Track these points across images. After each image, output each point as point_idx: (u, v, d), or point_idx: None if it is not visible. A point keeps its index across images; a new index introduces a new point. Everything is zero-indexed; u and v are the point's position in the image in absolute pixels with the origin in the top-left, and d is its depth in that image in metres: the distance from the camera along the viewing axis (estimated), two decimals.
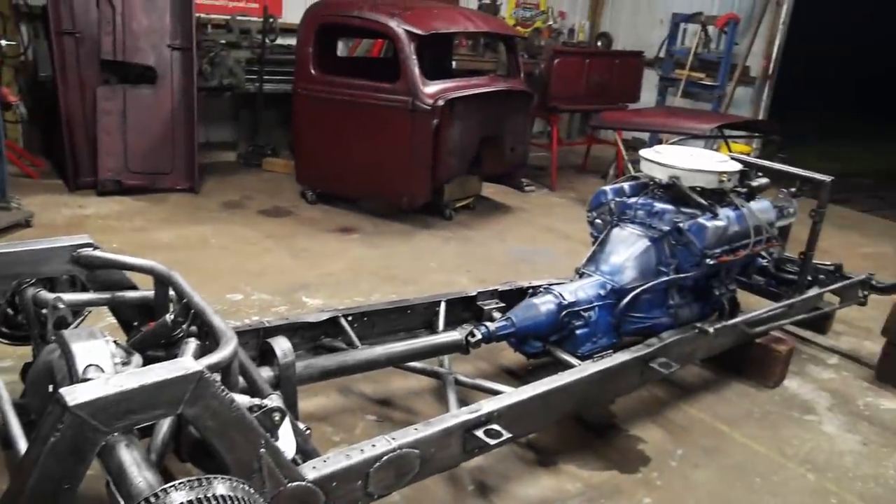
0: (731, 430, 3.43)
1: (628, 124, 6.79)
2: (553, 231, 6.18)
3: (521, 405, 2.65)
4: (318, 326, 3.10)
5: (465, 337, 3.01)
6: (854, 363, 4.25)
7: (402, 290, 4.56)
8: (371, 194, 6.14)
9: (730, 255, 3.40)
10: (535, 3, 9.88)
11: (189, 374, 1.67)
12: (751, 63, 8.55)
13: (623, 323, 3.37)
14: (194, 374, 1.68)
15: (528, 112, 6.30)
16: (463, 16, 6.05)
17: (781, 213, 3.94)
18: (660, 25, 9.46)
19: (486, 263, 5.27)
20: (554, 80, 7.27)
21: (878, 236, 7.00)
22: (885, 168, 11.08)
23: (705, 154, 3.72)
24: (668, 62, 8.90)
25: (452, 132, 5.50)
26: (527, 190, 7.27)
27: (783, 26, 8.30)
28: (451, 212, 6.17)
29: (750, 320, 3.64)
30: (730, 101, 8.50)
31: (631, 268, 3.39)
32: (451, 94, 5.41)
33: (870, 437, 3.48)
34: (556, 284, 3.39)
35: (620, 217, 3.58)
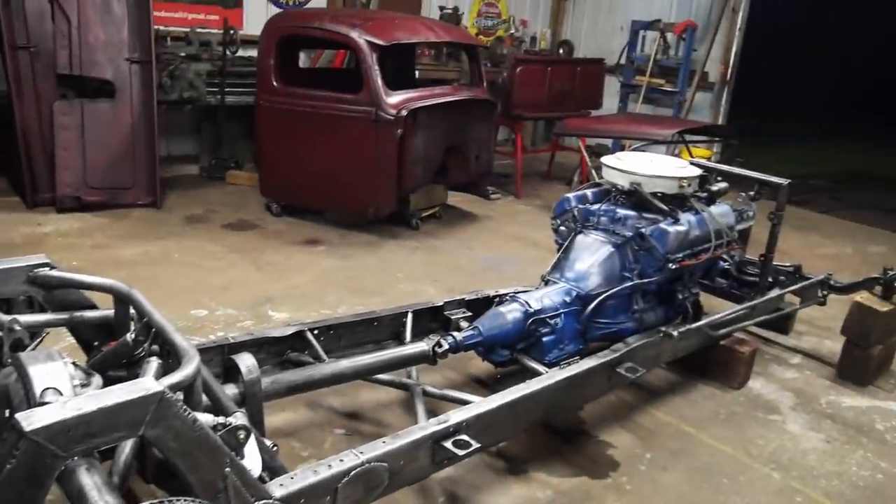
0: (698, 431, 3.47)
1: (591, 131, 6.86)
2: (519, 238, 6.21)
3: (489, 415, 2.65)
4: (284, 341, 3.07)
5: (432, 347, 3.01)
6: (816, 362, 4.33)
7: (369, 301, 4.55)
8: (337, 205, 6.11)
9: (692, 259, 3.45)
10: (497, 11, 9.95)
11: (150, 395, 1.64)
12: (709, 69, 8.70)
13: (589, 329, 3.40)
14: (155, 394, 1.65)
15: (492, 120, 6.33)
16: (424, 26, 6.07)
17: (741, 216, 4.01)
18: (620, 33, 9.59)
19: (454, 272, 5.27)
20: (517, 88, 7.32)
21: (836, 236, 7.16)
22: (843, 169, 11.35)
23: (665, 160, 3.77)
24: (628, 69, 9.01)
25: (417, 142, 5.50)
26: (492, 198, 7.30)
27: (739, 32, 8.46)
28: (417, 221, 6.16)
29: (713, 323, 3.70)
30: (690, 106, 8.63)
31: (595, 274, 3.42)
32: (414, 103, 5.42)
33: (833, 435, 3.54)
34: (522, 292, 3.41)
35: (584, 224, 3.61)
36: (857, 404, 3.86)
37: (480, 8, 9.75)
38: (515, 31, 9.83)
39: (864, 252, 6.65)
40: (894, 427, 3.66)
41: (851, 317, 4.02)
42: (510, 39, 9.59)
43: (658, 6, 9.28)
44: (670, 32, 8.57)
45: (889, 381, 4.16)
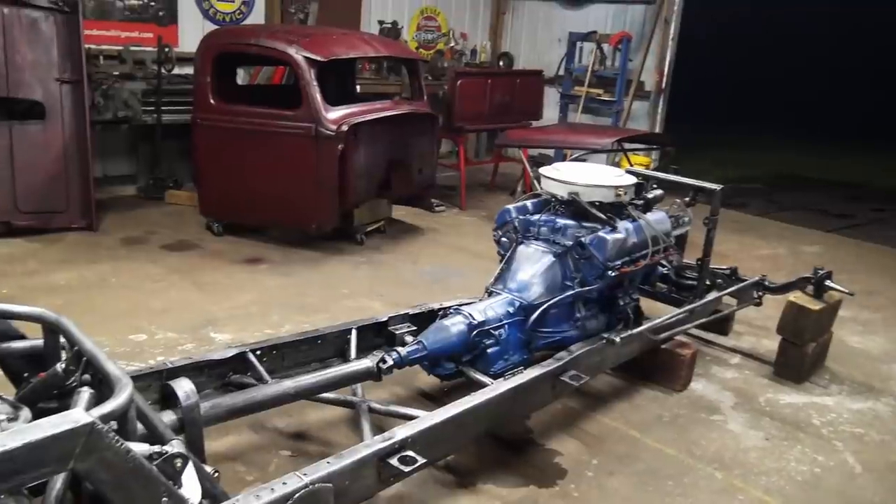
0: (643, 435, 3.52)
1: (532, 142, 6.94)
2: (464, 250, 6.23)
3: (435, 429, 2.65)
4: (226, 363, 3.02)
5: (376, 364, 2.99)
6: (754, 361, 4.44)
7: (314, 318, 4.50)
8: (279, 223, 6.05)
9: (630, 265, 3.51)
10: (437, 25, 10.01)
11: (79, 427, 1.59)
12: (645, 78, 8.90)
13: (533, 338, 3.43)
14: (85, 426, 1.60)
15: (434, 133, 6.35)
16: (363, 41, 6.07)
17: (677, 222, 4.11)
18: (558, 44, 9.74)
19: (399, 286, 5.26)
20: (458, 101, 7.37)
21: (771, 238, 7.38)
22: (777, 172, 11.73)
23: (602, 169, 3.84)
24: (567, 80, 9.16)
25: (358, 157, 5.49)
26: (437, 210, 7.32)
27: (672, 42, 8.68)
28: (361, 236, 6.14)
29: (654, 327, 3.77)
30: (627, 115, 8.81)
31: (538, 284, 3.46)
32: (355, 118, 5.40)
33: (771, 433, 3.64)
34: (466, 304, 3.42)
35: (525, 234, 3.65)
36: (794, 401, 3.98)
37: (420, 22, 9.81)
38: (455, 45, 9.90)
39: (797, 252, 6.87)
40: (830, 422, 3.78)
41: (786, 316, 4.14)
42: (450, 52, 9.66)
43: (594, 18, 9.47)
44: (606, 43, 8.75)
45: (824, 377, 4.29)
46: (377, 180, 5.83)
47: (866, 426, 3.75)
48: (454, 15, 10.17)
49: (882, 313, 5.40)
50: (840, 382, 4.24)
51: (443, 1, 10.00)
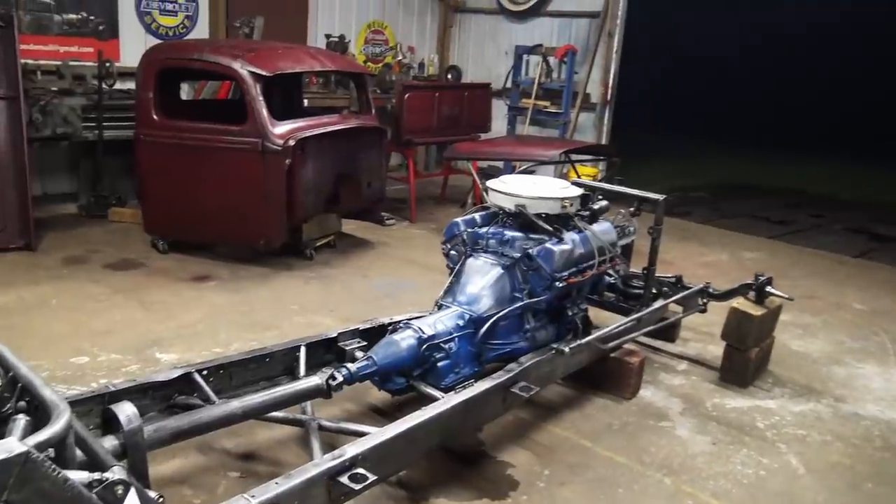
0: (594, 444, 3.56)
1: (480, 154, 6.99)
2: (415, 263, 6.23)
3: (385, 445, 2.63)
4: (171, 385, 2.95)
5: (325, 381, 2.96)
6: (701, 367, 4.53)
7: (263, 336, 4.44)
8: (227, 239, 5.96)
9: (578, 276, 3.55)
10: (385, 39, 10.03)
11: (12, 457, 1.54)
12: (591, 90, 9.06)
13: (483, 351, 3.44)
14: (19, 455, 1.55)
15: (383, 147, 6.35)
16: (309, 55, 6.04)
17: (623, 232, 4.17)
18: (505, 57, 9.86)
19: (350, 301, 5.23)
20: (406, 114, 7.39)
21: (715, 245, 7.55)
22: (721, 181, 12.04)
23: (548, 181, 3.88)
24: (514, 92, 9.26)
25: (306, 171, 5.45)
26: (387, 224, 7.29)
27: (616, 55, 8.86)
28: (311, 251, 6.09)
29: (603, 336, 3.81)
30: (574, 126, 8.95)
31: (487, 296, 3.47)
32: (301, 133, 5.37)
33: (718, 437, 3.71)
34: (416, 318, 3.41)
35: (473, 247, 3.67)
36: (739, 405, 4.07)
37: (367, 35, 9.81)
38: (403, 58, 9.93)
39: (739, 258, 7.05)
40: (773, 424, 3.87)
41: (729, 322, 4.24)
42: (398, 66, 9.68)
43: (539, 31, 9.61)
44: (552, 56, 8.88)
45: (767, 380, 4.40)
46: (325, 195, 5.80)
47: (808, 428, 3.86)
48: (401, 28, 10.20)
49: (821, 316, 5.56)
50: (783, 385, 4.35)
51: (390, 15, 10.03)
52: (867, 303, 5.96)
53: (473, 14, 10.48)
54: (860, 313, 5.71)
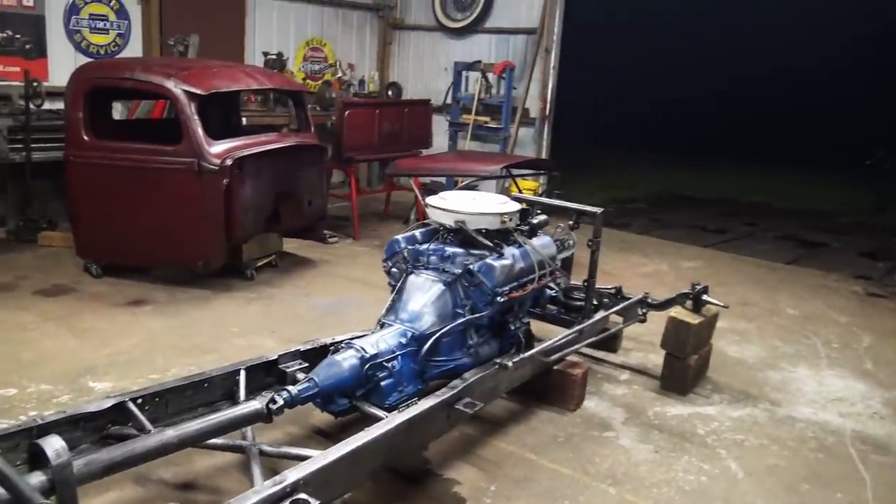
0: (539, 457, 3.57)
1: (422, 170, 7.00)
2: (359, 281, 6.18)
3: (328, 468, 2.59)
4: (103, 415, 2.85)
5: (265, 405, 2.90)
6: (643, 376, 4.60)
7: (202, 360, 4.34)
8: (164, 261, 5.82)
9: (519, 290, 3.57)
10: (324, 56, 9.98)
11: None
12: (530, 105, 9.17)
13: (427, 368, 3.42)
14: None
15: (323, 165, 6.30)
16: (245, 73, 5.96)
17: (563, 245, 4.22)
18: (444, 74, 9.91)
19: (292, 322, 5.15)
20: (346, 131, 7.36)
21: (654, 255, 7.70)
22: (659, 192, 12.33)
23: (487, 197, 3.91)
24: (455, 108, 9.32)
25: (245, 191, 5.36)
26: (330, 241, 7.24)
27: (553, 71, 9.00)
28: (252, 271, 5.99)
29: (546, 349, 3.84)
30: (514, 141, 9.05)
31: (429, 313, 3.46)
32: (239, 152, 5.29)
33: (660, 445, 3.76)
34: (358, 338, 3.39)
35: (415, 264, 3.66)
36: (680, 412, 4.14)
37: (306, 53, 9.75)
38: (343, 75, 9.89)
39: (678, 268, 7.21)
40: (713, 430, 3.95)
41: (668, 331, 4.32)
42: (338, 83, 9.63)
43: (478, 48, 9.71)
44: (491, 72, 8.97)
45: (706, 387, 4.50)
46: (265, 214, 5.72)
47: (746, 432, 3.95)
48: (341, 46, 10.17)
49: (756, 322, 5.72)
50: (721, 391, 4.45)
51: (329, 32, 9.99)
52: (799, 308, 6.15)
53: (412, 31, 10.52)
54: (792, 318, 5.89)
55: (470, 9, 9.73)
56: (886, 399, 4.47)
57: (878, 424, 4.14)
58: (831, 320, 5.89)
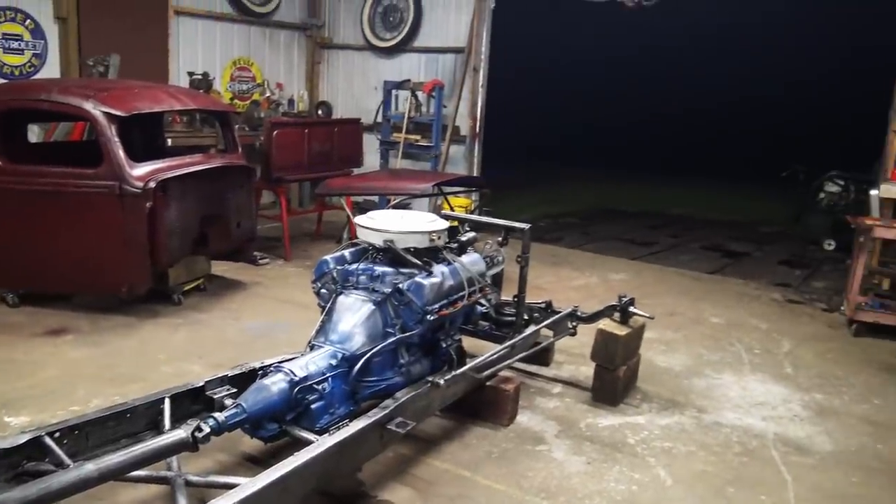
0: (474, 474, 3.57)
1: (353, 189, 6.98)
2: (290, 302, 6.10)
3: (257, 496, 2.53)
4: (18, 451, 2.73)
5: (191, 433, 2.82)
6: (574, 388, 4.67)
7: (127, 389, 4.19)
8: (86, 288, 5.63)
9: (449, 308, 3.59)
10: (251, 76, 9.87)
11: None
12: (460, 123, 9.26)
13: (358, 389, 3.40)
14: None
15: (251, 185, 6.21)
16: (168, 94, 5.84)
17: (492, 262, 4.27)
18: (374, 92, 9.93)
19: (221, 346, 5.04)
20: (275, 151, 7.28)
21: (584, 268, 7.84)
22: (591, 206, 12.61)
23: (416, 215, 3.92)
24: (385, 127, 9.33)
25: (169, 213, 5.24)
26: (261, 263, 7.13)
27: (482, 89, 9.12)
28: (179, 296, 5.84)
29: (477, 366, 3.86)
30: (445, 159, 9.11)
31: (359, 333, 3.45)
32: (163, 174, 5.17)
33: (592, 456, 3.82)
34: (287, 361, 3.34)
35: (344, 284, 3.64)
36: (611, 423, 4.21)
37: (233, 72, 9.62)
38: (271, 95, 9.80)
39: (607, 280, 7.36)
40: (643, 439, 4.03)
41: (597, 343, 4.40)
42: (266, 103, 9.54)
43: (407, 67, 9.77)
44: (420, 91, 9.03)
45: (636, 397, 4.59)
46: (192, 237, 5.60)
47: (674, 440, 4.04)
48: (269, 65, 10.08)
49: (683, 332, 5.88)
50: (650, 401, 4.55)
51: (256, 51, 9.89)
52: (722, 316, 6.36)
53: (341, 50, 10.52)
54: (717, 326, 6.08)
55: (398, 28, 9.80)
56: (805, 401, 4.65)
57: (798, 426, 4.30)
58: (753, 327, 6.10)
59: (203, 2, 9.03)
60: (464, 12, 9.25)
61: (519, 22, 12.25)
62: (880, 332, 5.92)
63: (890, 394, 4.84)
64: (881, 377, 5.13)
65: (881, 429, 4.32)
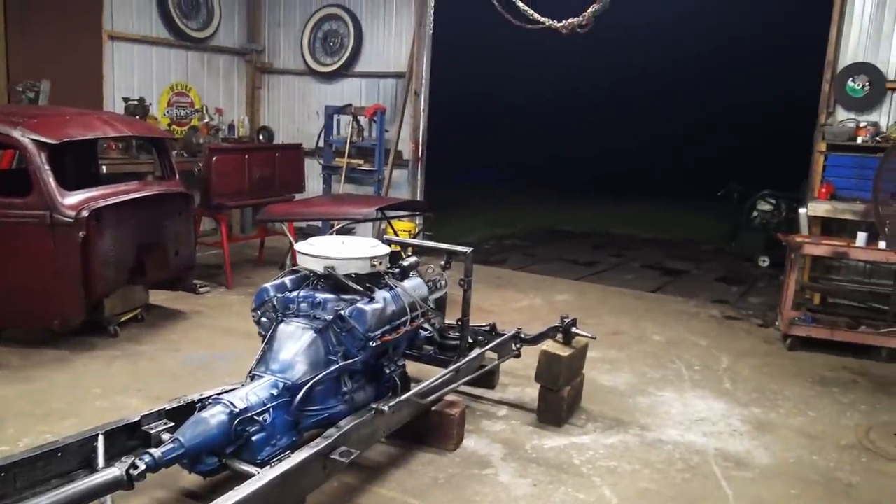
0: (421, 501, 3.54)
1: (294, 215, 6.91)
2: (232, 331, 5.98)
3: None
4: None
5: (125, 471, 2.73)
6: (520, 410, 4.68)
7: (59, 427, 4.04)
8: (15, 322, 5.41)
9: (392, 333, 3.57)
10: (190, 101, 9.72)
11: None
12: (402, 147, 9.28)
13: (301, 419, 3.35)
14: None
15: (189, 212, 6.09)
16: (101, 121, 5.70)
17: (435, 286, 4.27)
18: (316, 117, 9.90)
19: (160, 379, 4.90)
20: (215, 177, 7.17)
21: (529, 289, 7.91)
22: (535, 227, 12.76)
23: (357, 241, 3.90)
24: (328, 151, 9.29)
25: (103, 243, 5.11)
26: (201, 291, 6.99)
27: (424, 113, 9.16)
28: (115, 327, 5.67)
29: (422, 391, 3.84)
30: (388, 183, 9.11)
31: (301, 362, 3.40)
32: (96, 203, 5.04)
33: (538, 478, 3.82)
34: (227, 392, 3.27)
35: (285, 312, 3.59)
36: (556, 444, 4.23)
37: (171, 98, 9.47)
38: (211, 120, 9.67)
39: (552, 301, 7.43)
40: (588, 459, 4.06)
41: (541, 365, 4.43)
42: (206, 128, 9.40)
43: (349, 91, 9.77)
44: (362, 116, 9.03)
45: (581, 417, 4.63)
46: (128, 266, 5.45)
47: (618, 458, 4.08)
48: (207, 90, 9.95)
49: (626, 351, 5.97)
50: (595, 420, 4.59)
51: (194, 76, 9.76)
52: (664, 334, 6.48)
53: (282, 75, 10.46)
54: (658, 344, 6.19)
55: (339, 53, 9.80)
56: (744, 416, 4.76)
57: (737, 441, 4.39)
58: (693, 344, 6.23)
59: (139, 27, 8.89)
60: (404, 37, 9.31)
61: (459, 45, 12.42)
62: (813, 345, 6.11)
63: (823, 406, 4.99)
64: (814, 390, 5.29)
65: (816, 441, 4.44)
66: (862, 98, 7.02)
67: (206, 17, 9.69)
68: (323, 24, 9.91)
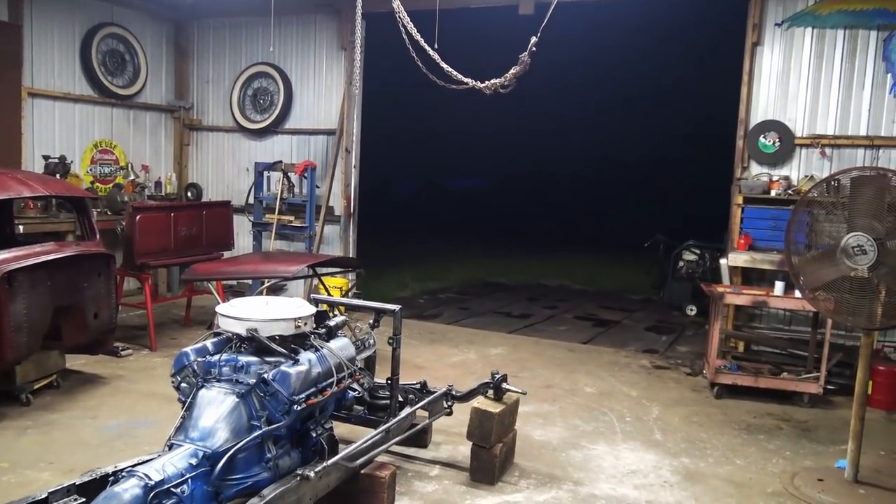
0: None
1: (221, 274, 6.75)
2: (155, 396, 5.75)
3: None
4: None
5: None
6: (453, 469, 4.61)
7: None
8: None
9: (317, 396, 3.48)
10: (114, 158, 9.51)
11: None
12: (333, 203, 9.25)
13: (222, 489, 3.20)
14: None
15: (110, 273, 5.88)
16: (16, 181, 5.49)
17: (363, 345, 4.21)
18: (246, 174, 9.81)
19: (75, 450, 4.65)
20: (138, 236, 6.99)
21: (463, 344, 7.88)
22: (470, 281, 12.81)
23: (281, 301, 3.82)
24: (258, 208, 9.19)
25: (16, 307, 4.88)
26: (123, 355, 6.74)
27: (355, 170, 9.17)
28: (27, 395, 5.38)
29: (351, 454, 3.74)
30: (320, 239, 9.04)
31: (222, 429, 3.27)
32: (8, 265, 4.83)
33: None
34: (143, 463, 3.11)
35: (206, 377, 3.47)
36: (489, 503, 4.17)
37: (94, 155, 9.24)
38: (136, 177, 9.46)
39: (485, 355, 7.41)
40: None
41: (472, 422, 4.38)
42: (131, 186, 9.20)
43: (279, 148, 9.74)
44: (292, 172, 8.99)
45: (514, 473, 4.58)
46: (42, 331, 5.21)
47: None
48: (133, 147, 9.76)
49: (559, 404, 5.97)
50: (528, 477, 4.55)
51: (119, 133, 9.57)
52: (596, 385, 6.53)
53: (211, 132, 10.36)
54: (590, 396, 6.22)
55: (269, 111, 9.79)
56: (674, 467, 4.80)
57: (668, 493, 4.41)
58: (624, 395, 6.29)
59: (60, 83, 8.70)
60: (334, 95, 9.38)
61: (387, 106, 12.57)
62: (739, 392, 6.25)
63: (750, 453, 5.08)
64: (741, 437, 5.39)
65: (743, 489, 4.50)
66: (773, 153, 7.37)
67: (132, 73, 9.58)
68: (253, 81, 9.90)
